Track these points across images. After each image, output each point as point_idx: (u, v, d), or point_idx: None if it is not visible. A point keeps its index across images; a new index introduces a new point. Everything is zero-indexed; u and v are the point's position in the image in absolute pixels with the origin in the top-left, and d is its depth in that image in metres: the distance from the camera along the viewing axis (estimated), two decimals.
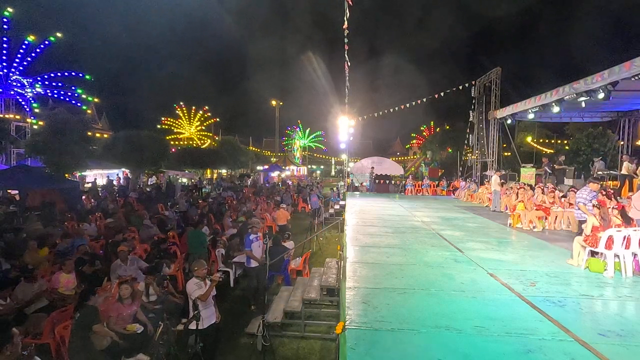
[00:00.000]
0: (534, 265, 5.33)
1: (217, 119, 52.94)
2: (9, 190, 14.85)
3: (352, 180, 22.90)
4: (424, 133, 53.01)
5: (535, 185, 12.47)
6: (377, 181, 20.21)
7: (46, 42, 23.62)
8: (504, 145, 22.53)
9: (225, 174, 37.40)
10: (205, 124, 52.86)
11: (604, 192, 8.34)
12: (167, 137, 34.44)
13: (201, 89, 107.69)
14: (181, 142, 46.59)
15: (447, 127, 36.85)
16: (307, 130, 61.51)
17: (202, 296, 4.66)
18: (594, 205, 5.72)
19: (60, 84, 25.16)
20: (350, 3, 10.64)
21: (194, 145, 43.88)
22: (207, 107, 52.91)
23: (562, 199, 9.25)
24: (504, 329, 3.20)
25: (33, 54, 23.69)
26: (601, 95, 9.42)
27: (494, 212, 11.50)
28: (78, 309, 4.59)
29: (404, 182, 20.10)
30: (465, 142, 21.15)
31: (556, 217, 8.76)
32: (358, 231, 7.80)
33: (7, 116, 23.33)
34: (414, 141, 55.82)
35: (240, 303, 7.30)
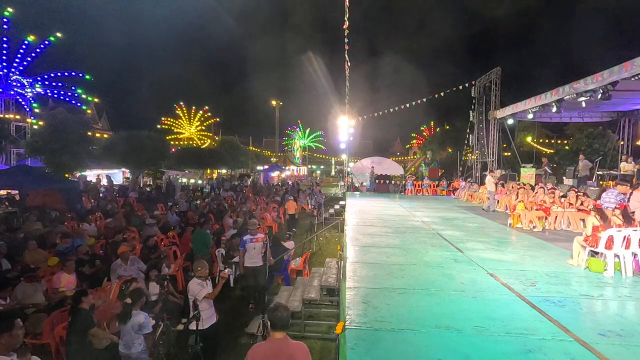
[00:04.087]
0: (534, 265, 5.33)
1: (217, 119, 53.06)
2: (9, 191, 14.85)
3: (352, 180, 22.90)
4: (424, 133, 53.03)
5: (536, 185, 12.47)
6: (377, 181, 20.21)
7: (46, 42, 23.66)
8: (504, 145, 22.53)
9: (225, 174, 37.41)
10: (205, 124, 52.93)
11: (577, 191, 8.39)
12: (167, 137, 34.41)
13: (201, 88, 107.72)
14: (181, 142, 46.61)
15: (447, 127, 36.89)
16: (307, 130, 61.64)
17: (210, 295, 4.67)
18: (592, 209, 5.71)
19: (60, 84, 25.22)
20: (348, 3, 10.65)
21: (194, 145, 43.88)
22: (207, 107, 53.06)
23: (562, 199, 9.26)
24: (504, 329, 3.20)
25: (33, 54, 23.73)
26: (601, 95, 9.42)
27: (488, 212, 11.43)
28: (71, 312, 4.56)
29: (404, 182, 20.09)
30: (465, 142, 21.15)
31: (556, 217, 8.76)
32: (358, 231, 7.80)
33: (7, 116, 23.35)
34: (414, 141, 55.85)
35: (240, 303, 7.30)
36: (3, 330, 2.75)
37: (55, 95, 25.43)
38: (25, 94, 24.48)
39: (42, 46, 23.63)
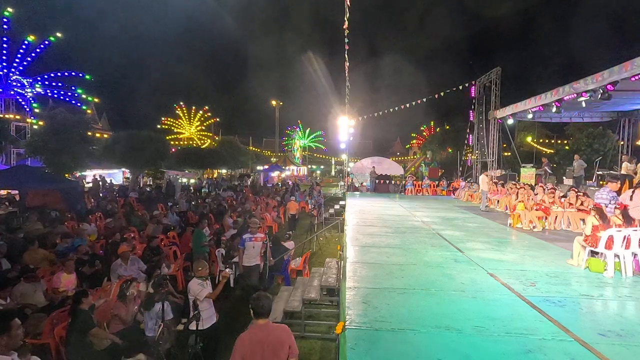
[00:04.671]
0: (534, 265, 5.33)
1: (217, 119, 53.09)
2: (9, 191, 14.86)
3: (352, 180, 22.91)
4: (424, 133, 53.03)
5: (536, 185, 12.47)
6: (377, 181, 20.21)
7: (46, 42, 23.67)
8: (504, 145, 22.53)
9: (225, 174, 37.41)
10: (205, 124, 52.95)
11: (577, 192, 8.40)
12: (167, 137, 34.40)
13: (201, 89, 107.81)
14: (181, 142, 46.61)
15: (447, 127, 36.90)
16: (307, 130, 61.63)
17: (211, 295, 4.68)
18: (592, 209, 5.71)
19: (60, 84, 25.24)
20: (349, 4, 10.65)
21: (194, 145, 43.89)
22: (207, 107, 53.11)
23: (562, 199, 9.25)
24: (504, 329, 3.20)
25: (33, 54, 23.74)
26: (601, 95, 9.42)
27: (486, 211, 11.53)
28: (71, 313, 4.56)
29: (404, 182, 20.09)
30: (465, 142, 21.16)
31: (556, 217, 8.76)
32: (358, 231, 7.80)
33: (7, 116, 23.35)
34: (414, 141, 55.85)
35: (240, 303, 7.28)
36: (2, 330, 2.75)
37: (55, 95, 25.44)
38: (25, 94, 24.49)
39: (42, 46, 23.65)
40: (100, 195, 18.23)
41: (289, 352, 3.03)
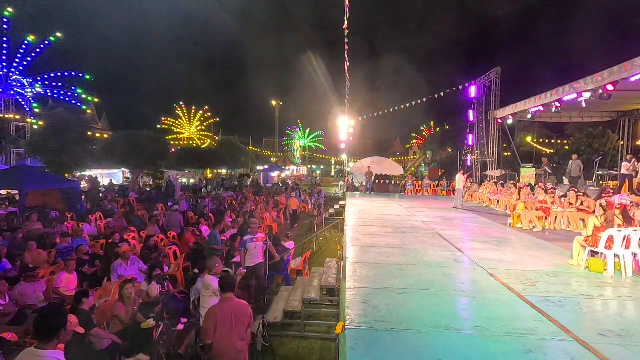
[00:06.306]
0: (534, 265, 5.33)
1: (217, 119, 53.16)
2: (9, 191, 14.87)
3: (352, 180, 22.90)
4: (424, 133, 53.05)
5: (536, 185, 12.48)
6: (377, 181, 20.20)
7: (46, 42, 23.70)
8: (504, 145, 22.53)
9: (225, 174, 37.41)
10: (205, 124, 53.00)
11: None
12: (167, 137, 34.37)
13: (201, 88, 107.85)
14: (181, 142, 46.64)
15: (447, 127, 36.94)
16: (307, 130, 61.59)
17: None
18: (600, 205, 5.69)
19: (60, 84, 25.27)
20: (348, 4, 10.66)
21: (194, 145, 43.90)
22: (207, 107, 53.18)
23: (562, 199, 9.25)
24: (504, 329, 3.20)
25: (33, 54, 23.75)
26: (600, 95, 9.42)
27: (459, 208, 11.86)
28: (71, 313, 4.56)
29: (404, 182, 20.07)
30: (465, 142, 21.16)
31: (556, 217, 8.76)
32: (358, 231, 7.79)
33: (7, 116, 23.37)
34: (414, 141, 55.87)
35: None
36: (65, 323, 2.73)
37: (55, 95, 25.46)
38: (25, 94, 24.50)
39: (42, 46, 23.67)
40: (100, 195, 18.21)
41: (249, 321, 3.84)
